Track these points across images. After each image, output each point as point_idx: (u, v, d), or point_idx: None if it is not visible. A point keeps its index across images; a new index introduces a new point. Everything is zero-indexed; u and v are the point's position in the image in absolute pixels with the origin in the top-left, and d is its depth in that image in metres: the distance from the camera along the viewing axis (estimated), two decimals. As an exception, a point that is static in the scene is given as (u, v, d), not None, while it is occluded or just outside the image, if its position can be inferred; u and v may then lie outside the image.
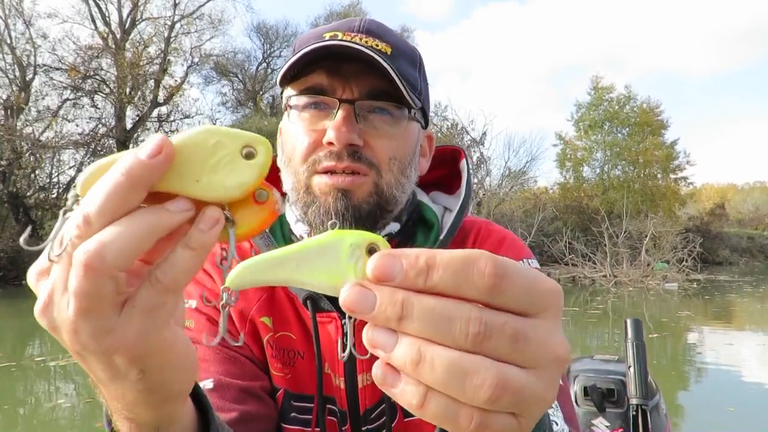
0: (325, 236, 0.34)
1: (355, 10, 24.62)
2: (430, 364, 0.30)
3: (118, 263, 0.33)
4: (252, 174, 0.37)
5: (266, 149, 0.37)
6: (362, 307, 0.31)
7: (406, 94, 0.72)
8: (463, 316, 0.30)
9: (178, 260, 0.36)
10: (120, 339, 0.36)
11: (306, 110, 0.75)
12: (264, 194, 0.38)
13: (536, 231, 18.38)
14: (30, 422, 4.26)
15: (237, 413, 0.72)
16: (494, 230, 0.91)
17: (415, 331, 0.31)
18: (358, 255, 0.33)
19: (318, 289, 0.34)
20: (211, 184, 0.36)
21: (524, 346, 0.31)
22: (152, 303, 0.36)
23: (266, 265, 0.35)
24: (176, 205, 0.36)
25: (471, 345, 0.30)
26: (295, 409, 0.81)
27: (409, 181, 0.79)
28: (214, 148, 0.36)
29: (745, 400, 4.83)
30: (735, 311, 11.00)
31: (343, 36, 0.73)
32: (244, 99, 22.99)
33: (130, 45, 18.81)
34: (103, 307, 0.35)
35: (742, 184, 62.01)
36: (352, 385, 0.80)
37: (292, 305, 0.82)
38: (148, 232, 0.34)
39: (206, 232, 0.36)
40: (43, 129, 16.92)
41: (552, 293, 0.33)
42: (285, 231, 0.86)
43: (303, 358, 0.80)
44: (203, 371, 0.75)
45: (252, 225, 0.38)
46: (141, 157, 0.34)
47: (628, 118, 28.12)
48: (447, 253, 0.31)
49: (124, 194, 0.34)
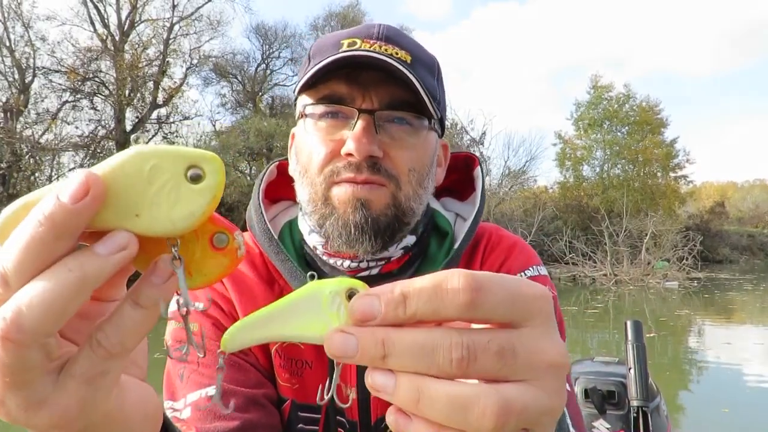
0: (304, 289, 0.34)
1: (354, 11, 24.60)
2: (430, 401, 0.29)
3: (42, 330, 0.28)
4: (201, 202, 0.31)
5: (216, 168, 0.31)
6: (345, 351, 0.31)
7: (428, 104, 0.70)
8: (444, 343, 0.29)
9: (126, 321, 0.31)
10: (55, 413, 0.31)
11: (323, 119, 0.73)
12: (224, 239, 0.34)
13: (536, 230, 18.39)
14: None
15: (239, 422, 0.71)
16: (504, 236, 0.89)
17: (401, 367, 0.30)
18: (338, 302, 0.33)
19: (308, 341, 0.33)
20: (154, 219, 0.30)
21: (513, 360, 0.30)
22: (94, 371, 0.31)
23: (255, 325, 0.34)
24: (107, 246, 0.30)
25: (457, 371, 0.29)
26: (302, 420, 0.79)
27: (426, 193, 0.77)
28: (151, 175, 0.30)
29: (744, 399, 4.83)
30: (735, 309, 11.00)
31: (362, 43, 0.71)
32: (243, 100, 22.97)
33: (129, 47, 18.79)
34: (31, 379, 0.30)
35: (742, 182, 62.06)
36: (365, 395, 0.78)
37: None
38: (78, 288, 0.29)
39: (159, 287, 0.32)
40: (43, 131, 16.90)
41: (537, 298, 0.31)
42: (296, 240, 0.84)
43: (311, 368, 0.79)
44: (206, 377, 0.74)
45: (210, 276, 0.34)
46: (63, 201, 0.28)
47: (627, 117, 28.13)
48: (418, 279, 0.31)
49: (44, 248, 0.28)
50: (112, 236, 0.30)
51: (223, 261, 0.34)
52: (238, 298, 0.79)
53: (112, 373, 0.32)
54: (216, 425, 0.69)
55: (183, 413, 0.71)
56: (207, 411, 0.70)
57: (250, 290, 0.80)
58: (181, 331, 0.77)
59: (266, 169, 0.88)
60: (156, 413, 0.40)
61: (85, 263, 0.29)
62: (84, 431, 0.34)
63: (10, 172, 15.37)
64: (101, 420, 0.34)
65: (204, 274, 0.34)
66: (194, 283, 0.34)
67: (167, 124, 19.79)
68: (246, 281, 0.81)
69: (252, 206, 0.84)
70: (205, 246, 0.34)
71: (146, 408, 0.39)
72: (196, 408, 0.71)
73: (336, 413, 0.78)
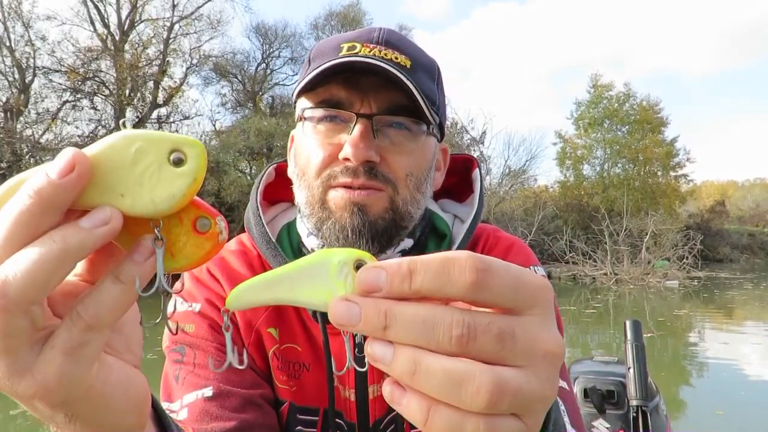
0: (314, 256, 0.34)
1: (354, 10, 24.59)
2: (426, 373, 0.30)
3: (26, 297, 0.30)
4: (182, 184, 0.32)
5: (197, 152, 0.33)
6: (348, 319, 0.32)
7: (426, 110, 0.71)
8: (445, 320, 0.30)
9: (105, 295, 0.32)
10: (38, 382, 0.32)
11: (322, 123, 0.73)
12: (206, 223, 0.35)
13: (537, 229, 18.38)
14: (24, 425, 4.27)
15: (236, 422, 0.71)
16: (502, 237, 0.90)
17: (401, 339, 0.31)
18: (346, 271, 0.33)
19: (312, 307, 0.34)
20: (137, 199, 0.32)
21: (512, 344, 0.31)
22: (73, 343, 0.32)
23: (262, 286, 0.35)
24: (91, 219, 0.31)
25: (456, 348, 0.30)
26: (300, 422, 0.79)
27: (424, 197, 0.77)
28: (136, 157, 0.32)
29: (744, 398, 4.83)
30: (734, 309, 11.00)
31: (362, 48, 0.71)
32: (243, 99, 22.97)
33: (129, 46, 18.79)
34: (16, 346, 0.31)
35: (742, 181, 62.02)
36: (363, 396, 0.78)
37: (299, 317, 0.80)
38: (60, 258, 0.30)
39: (141, 264, 0.33)
40: (43, 131, 16.91)
41: (539, 288, 0.32)
42: (294, 242, 0.84)
43: (309, 371, 0.79)
44: (203, 378, 0.74)
45: (192, 258, 0.35)
46: (51, 176, 0.30)
47: (627, 116, 28.11)
48: (426, 256, 0.31)
49: (33, 219, 0.30)
50: (96, 211, 0.32)
51: (205, 245, 0.35)
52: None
53: (91, 346, 0.33)
54: (213, 426, 0.69)
55: (180, 414, 0.71)
56: (204, 412, 0.71)
57: None
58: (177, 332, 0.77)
59: (264, 171, 0.88)
60: (142, 398, 0.40)
61: (68, 235, 0.31)
62: (64, 404, 0.34)
63: (10, 172, 15.36)
64: (82, 394, 0.35)
65: (186, 256, 0.35)
66: (177, 264, 0.35)
67: (167, 123, 19.78)
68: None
69: (250, 208, 0.84)
70: (188, 230, 0.35)
71: (130, 390, 0.39)
72: (192, 409, 0.71)
73: (334, 415, 0.78)
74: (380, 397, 0.78)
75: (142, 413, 0.41)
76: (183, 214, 0.34)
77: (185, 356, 0.75)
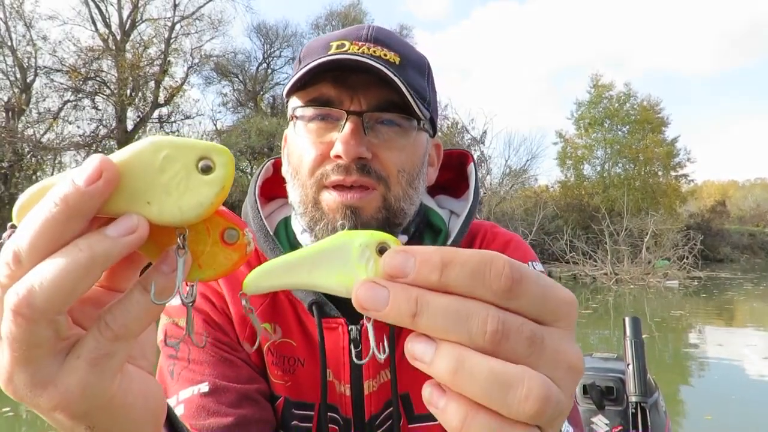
0: (334, 238, 0.33)
1: (355, 10, 24.58)
2: (470, 373, 0.29)
3: (51, 308, 0.29)
4: (210, 192, 0.32)
5: (226, 161, 0.32)
6: (375, 303, 0.30)
7: (415, 106, 0.70)
8: (480, 313, 0.29)
9: (134, 305, 0.32)
10: (60, 393, 0.32)
11: (313, 121, 0.73)
12: (234, 234, 0.35)
13: (537, 229, 18.38)
14: (34, 423, 4.29)
15: (233, 418, 0.71)
16: (500, 233, 0.90)
17: (430, 329, 0.30)
18: (368, 255, 0.32)
19: (332, 292, 0.33)
20: (164, 207, 0.31)
21: (541, 350, 0.30)
22: (100, 353, 0.32)
23: (280, 270, 0.33)
24: (118, 228, 0.31)
25: (489, 344, 0.29)
26: (296, 417, 0.79)
27: (417, 193, 0.77)
28: (163, 164, 0.31)
29: (743, 399, 4.85)
30: (733, 309, 11.00)
31: (351, 45, 0.72)
32: (244, 99, 22.97)
33: (130, 46, 18.79)
34: (39, 356, 0.31)
35: (743, 181, 61.92)
36: (358, 391, 0.78)
37: (294, 311, 0.80)
38: (86, 268, 0.30)
39: (168, 275, 0.32)
40: (45, 131, 16.91)
41: (567, 303, 0.32)
42: (291, 237, 0.85)
43: (303, 366, 0.79)
44: (198, 374, 0.74)
45: (219, 269, 0.35)
46: (78, 184, 0.29)
47: (628, 116, 28.09)
48: (463, 251, 0.30)
49: (58, 227, 0.29)
50: (122, 219, 0.31)
51: (232, 256, 0.35)
52: (230, 294, 0.79)
53: (116, 357, 0.33)
54: (210, 422, 0.69)
55: (176, 410, 0.71)
56: (200, 408, 0.71)
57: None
58: (171, 326, 0.77)
59: (262, 167, 0.89)
60: (159, 407, 0.40)
61: (95, 244, 0.30)
62: (86, 415, 0.34)
63: (11, 171, 15.38)
64: (104, 405, 0.34)
65: (214, 267, 0.35)
66: (204, 275, 0.35)
67: (168, 123, 19.79)
68: (239, 277, 0.79)
69: (248, 203, 0.84)
70: (216, 240, 0.34)
71: (149, 400, 0.38)
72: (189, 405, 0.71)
73: (329, 410, 0.78)
74: (376, 393, 0.78)
75: (159, 422, 0.41)
76: (211, 225, 0.34)
77: (179, 351, 0.75)
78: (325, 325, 0.77)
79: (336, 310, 0.77)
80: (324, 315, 0.77)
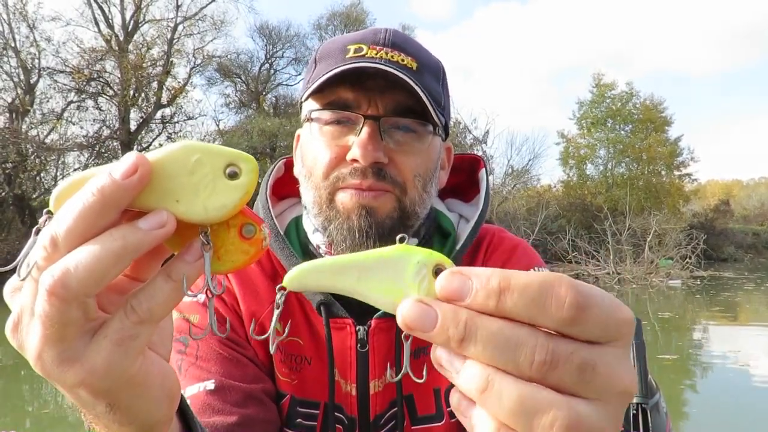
0: (391, 250, 0.33)
1: (356, 10, 24.60)
2: (498, 395, 0.28)
3: (84, 290, 0.32)
4: (234, 196, 0.34)
5: (251, 168, 0.35)
6: (422, 324, 0.30)
7: (433, 112, 0.71)
8: (530, 342, 0.28)
9: (158, 291, 0.34)
10: (86, 370, 0.34)
11: (329, 124, 0.74)
12: (251, 230, 0.37)
13: (539, 229, 18.37)
14: (38, 420, 4.31)
15: (237, 417, 0.71)
16: (506, 238, 0.90)
17: (476, 355, 0.29)
18: (423, 273, 0.32)
19: (376, 304, 0.33)
20: (191, 206, 0.34)
21: (591, 376, 0.29)
22: (125, 334, 0.34)
23: (327, 271, 0.34)
24: (149, 221, 0.33)
25: (535, 373, 0.28)
26: (301, 415, 0.79)
27: (429, 197, 0.78)
28: (194, 166, 0.34)
29: (745, 399, 4.84)
30: (736, 308, 10.97)
31: (369, 50, 0.72)
32: (247, 100, 23.01)
33: (133, 47, 18.86)
34: (69, 335, 0.33)
35: (747, 180, 61.74)
36: (364, 391, 0.79)
37: (303, 310, 0.81)
38: (118, 255, 0.32)
39: (191, 264, 0.35)
40: (48, 131, 17.01)
41: (627, 323, 0.31)
42: (301, 236, 0.85)
43: (310, 364, 0.79)
44: (205, 371, 0.74)
45: (237, 262, 0.37)
46: (115, 177, 0.32)
47: (630, 115, 28.06)
48: (523, 276, 0.29)
49: (94, 215, 0.32)
50: (154, 214, 0.33)
51: (249, 249, 0.37)
52: (241, 292, 0.80)
53: (140, 339, 0.35)
54: (214, 420, 0.70)
55: None
56: (205, 406, 0.71)
57: (254, 284, 0.81)
58: (181, 321, 0.78)
59: (274, 166, 0.89)
60: (174, 391, 0.42)
61: (128, 234, 0.33)
62: (108, 392, 0.36)
63: (15, 171, 15.45)
64: (125, 384, 0.36)
65: (232, 260, 0.37)
66: (223, 267, 0.37)
67: (171, 123, 19.86)
68: (250, 275, 0.81)
69: (259, 202, 0.85)
70: (234, 235, 0.36)
71: (166, 383, 0.40)
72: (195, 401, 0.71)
73: (335, 409, 0.79)
74: (381, 393, 0.79)
75: (173, 405, 0.43)
76: (230, 221, 0.36)
77: (188, 347, 0.76)
78: (332, 325, 0.77)
79: (343, 311, 0.77)
80: (332, 315, 0.77)
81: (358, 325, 0.77)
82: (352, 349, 0.78)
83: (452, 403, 0.32)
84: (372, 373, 0.78)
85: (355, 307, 0.78)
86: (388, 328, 0.77)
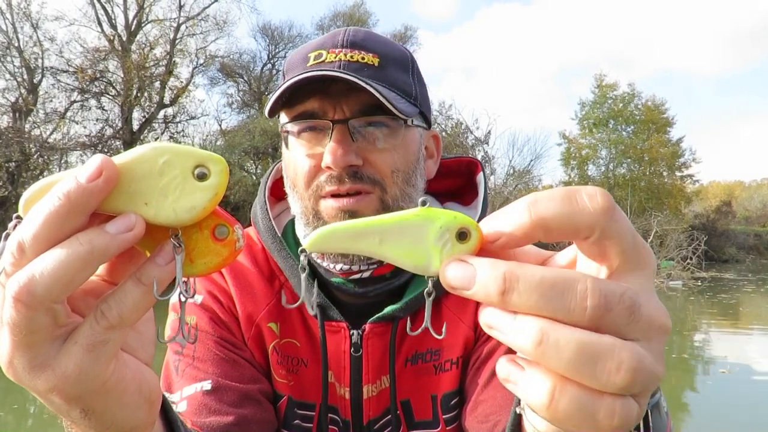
0: (413, 213, 0.33)
1: (359, 11, 24.63)
2: (555, 345, 0.27)
3: (50, 296, 0.31)
4: (203, 198, 0.34)
5: (220, 169, 0.34)
6: (463, 282, 0.30)
7: (392, 107, 0.69)
8: (578, 286, 0.27)
9: (127, 296, 0.34)
10: (57, 376, 0.34)
11: (302, 135, 0.74)
12: (225, 231, 0.36)
13: (541, 230, 18.35)
14: (40, 417, 4.35)
15: (234, 417, 0.71)
16: None
17: (523, 306, 0.28)
18: (447, 238, 0.32)
19: (399, 265, 0.33)
20: (160, 209, 0.34)
21: (638, 317, 0.28)
22: (95, 339, 0.34)
23: (347, 235, 0.34)
24: (116, 225, 0.33)
25: (589, 321, 0.27)
26: (298, 416, 0.80)
27: (415, 190, 0.77)
28: (163, 168, 0.34)
29: (746, 399, 4.85)
30: (737, 309, 10.96)
31: (328, 54, 0.72)
32: (249, 100, 23.04)
33: (136, 47, 18.90)
34: (38, 341, 0.33)
35: (749, 181, 61.51)
36: (357, 395, 0.79)
37: (300, 313, 0.81)
38: (85, 260, 0.32)
39: (162, 267, 0.34)
40: (51, 131, 17.04)
41: (649, 252, 0.31)
42: (298, 238, 0.85)
43: (306, 366, 0.80)
44: (202, 371, 0.74)
45: (210, 264, 0.36)
46: (80, 180, 0.32)
47: (632, 116, 28.04)
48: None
49: (60, 220, 0.32)
50: (121, 217, 0.33)
51: (222, 251, 0.36)
52: (237, 293, 0.80)
53: (111, 344, 0.34)
54: (210, 420, 0.71)
55: (179, 406, 0.72)
56: (202, 406, 0.71)
57: (250, 285, 0.81)
58: (177, 322, 0.78)
59: (272, 167, 0.90)
60: (153, 395, 0.41)
61: (95, 239, 0.32)
62: (80, 398, 0.36)
63: (18, 171, 15.51)
64: (97, 389, 0.36)
65: (205, 262, 0.36)
66: (196, 269, 0.36)
67: (174, 123, 19.90)
68: (247, 276, 0.82)
69: (258, 203, 0.85)
70: (207, 236, 0.36)
71: (143, 388, 0.40)
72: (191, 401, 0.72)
73: (330, 411, 0.79)
74: (375, 398, 0.79)
75: (153, 409, 0.42)
76: (203, 222, 0.36)
77: (185, 348, 0.77)
78: (327, 328, 0.78)
79: (339, 314, 0.78)
80: (327, 318, 0.78)
81: (352, 329, 0.78)
82: (346, 353, 0.78)
83: (501, 374, 0.31)
84: (365, 378, 0.79)
85: (351, 311, 0.79)
86: (382, 332, 0.78)
